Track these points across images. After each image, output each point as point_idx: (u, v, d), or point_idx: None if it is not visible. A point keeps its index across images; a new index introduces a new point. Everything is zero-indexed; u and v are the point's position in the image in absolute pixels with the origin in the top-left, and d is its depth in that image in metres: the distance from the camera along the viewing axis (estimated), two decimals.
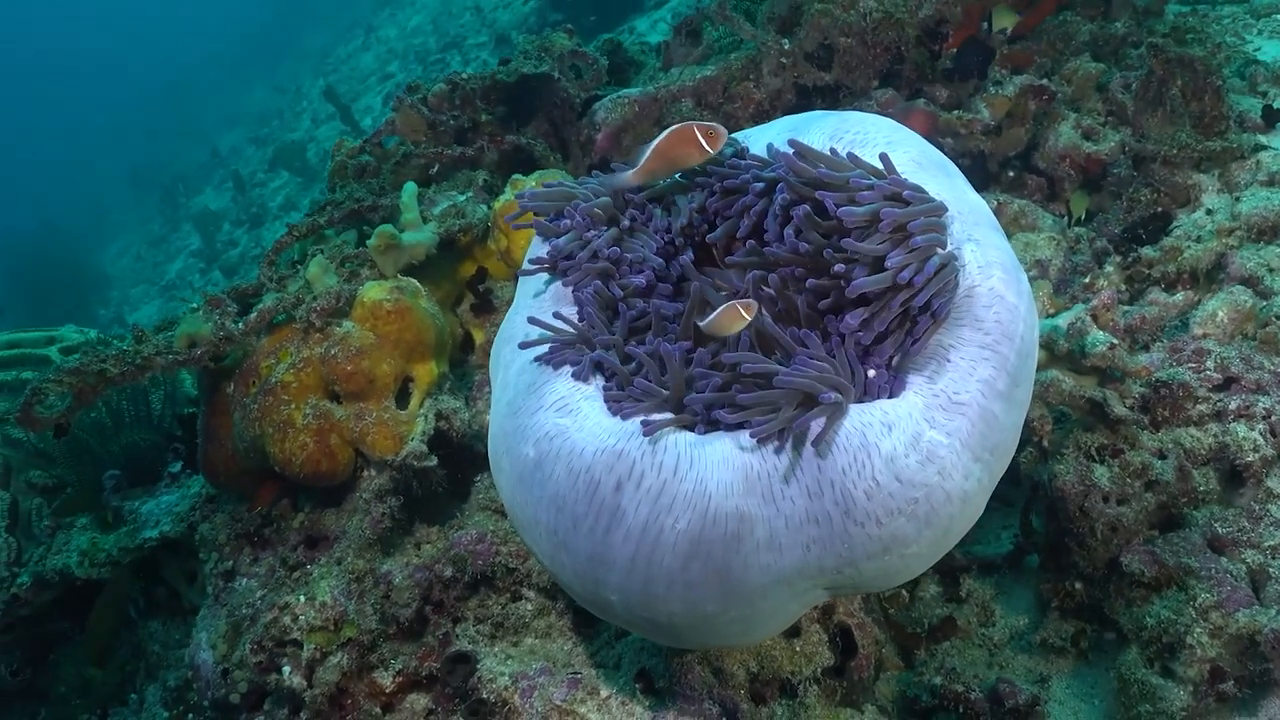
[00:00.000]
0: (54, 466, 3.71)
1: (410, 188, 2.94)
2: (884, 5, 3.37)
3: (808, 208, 1.63)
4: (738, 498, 1.50)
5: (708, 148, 1.78)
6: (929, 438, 1.49)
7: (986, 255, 1.63)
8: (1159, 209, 3.23)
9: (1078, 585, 2.59)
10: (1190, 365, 2.62)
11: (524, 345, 1.75)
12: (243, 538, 2.88)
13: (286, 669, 2.49)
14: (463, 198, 3.06)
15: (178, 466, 3.65)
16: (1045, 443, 2.62)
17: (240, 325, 2.66)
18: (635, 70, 4.37)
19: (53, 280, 16.29)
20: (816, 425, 1.47)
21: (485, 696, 2.32)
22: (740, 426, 1.52)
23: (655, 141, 1.81)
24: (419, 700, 2.51)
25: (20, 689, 3.55)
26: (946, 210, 1.64)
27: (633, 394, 1.61)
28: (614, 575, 1.58)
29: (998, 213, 3.39)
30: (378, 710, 2.48)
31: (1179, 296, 2.79)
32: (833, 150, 1.72)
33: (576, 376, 1.68)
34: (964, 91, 3.64)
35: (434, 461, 2.61)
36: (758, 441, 1.50)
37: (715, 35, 3.81)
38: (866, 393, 1.56)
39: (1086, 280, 3.04)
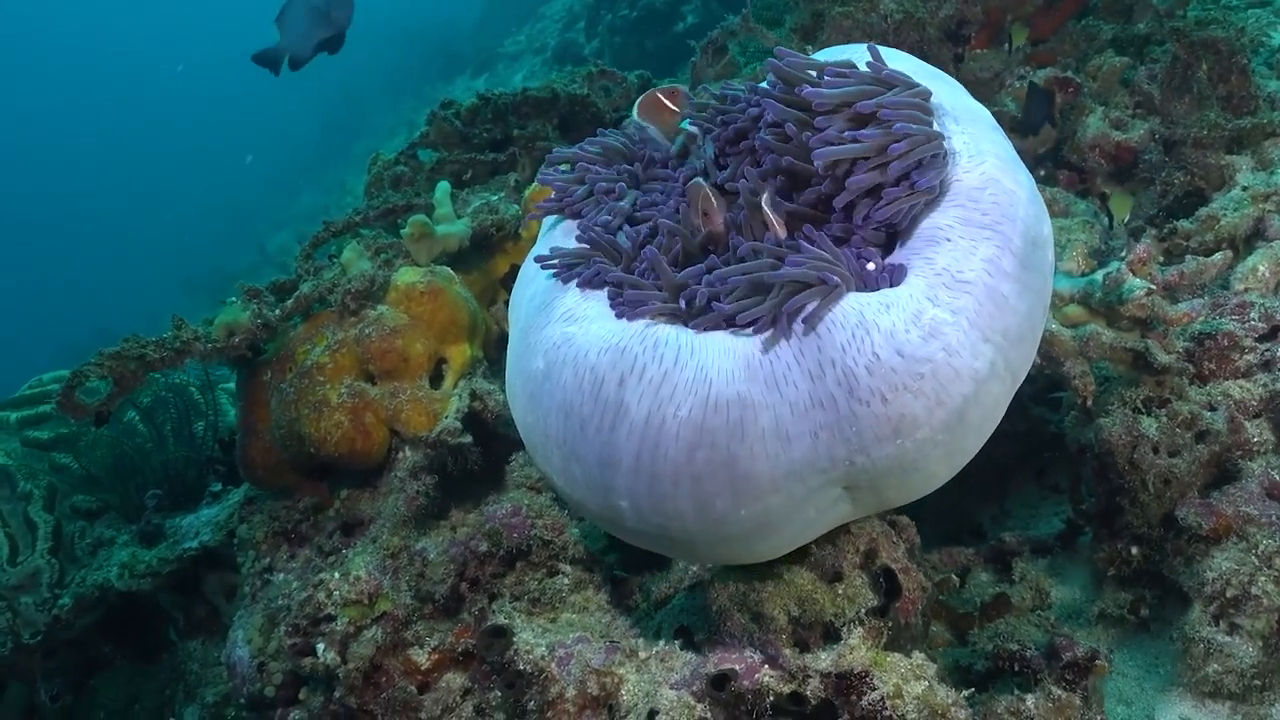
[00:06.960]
0: (99, 491, 3.74)
1: (444, 185, 3.00)
2: (904, 6, 3.43)
3: (783, 106, 1.63)
4: (739, 384, 1.47)
5: (673, 106, 1.87)
6: (931, 314, 1.45)
7: (979, 145, 1.61)
8: (1194, 188, 3.20)
9: (1133, 550, 2.49)
10: (1234, 317, 2.55)
11: (539, 259, 1.76)
12: (280, 535, 2.87)
13: (321, 646, 2.44)
14: (495, 197, 3.12)
15: (219, 486, 3.67)
16: (1090, 403, 2.55)
17: (277, 312, 2.70)
18: None
19: None
20: (811, 304, 1.46)
21: (522, 668, 2.26)
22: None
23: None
24: (455, 679, 2.45)
25: (60, 714, 3.52)
26: (931, 95, 1.63)
27: (636, 298, 1.61)
28: (621, 477, 1.55)
29: None
30: (413, 689, 2.42)
31: (1217, 256, 2.74)
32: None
33: (582, 287, 1.68)
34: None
35: (469, 438, 2.60)
36: (755, 327, 1.49)
37: (739, 50, 3.90)
38: (866, 285, 1.53)
39: (1124, 255, 3.00)
